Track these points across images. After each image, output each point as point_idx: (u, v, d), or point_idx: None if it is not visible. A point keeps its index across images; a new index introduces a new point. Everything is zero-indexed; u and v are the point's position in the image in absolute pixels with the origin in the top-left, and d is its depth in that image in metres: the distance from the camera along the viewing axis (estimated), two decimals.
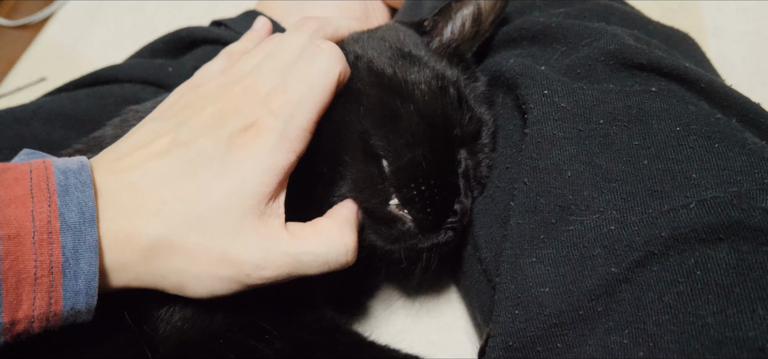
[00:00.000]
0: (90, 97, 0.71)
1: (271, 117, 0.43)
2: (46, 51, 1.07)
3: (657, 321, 0.36)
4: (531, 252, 0.43)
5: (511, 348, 0.41)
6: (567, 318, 0.40)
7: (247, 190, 0.42)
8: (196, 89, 0.49)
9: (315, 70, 0.46)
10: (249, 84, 0.46)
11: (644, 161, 0.42)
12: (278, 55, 0.48)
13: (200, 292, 0.43)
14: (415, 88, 0.50)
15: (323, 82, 0.46)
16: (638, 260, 0.38)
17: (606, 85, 0.46)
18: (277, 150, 0.43)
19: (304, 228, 0.45)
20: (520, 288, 0.42)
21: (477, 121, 0.54)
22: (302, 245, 0.44)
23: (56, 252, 0.37)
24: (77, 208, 0.38)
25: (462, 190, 0.51)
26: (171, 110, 0.48)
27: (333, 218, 0.47)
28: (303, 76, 0.45)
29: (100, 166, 0.42)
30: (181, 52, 0.78)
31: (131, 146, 0.44)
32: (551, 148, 0.45)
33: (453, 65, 0.55)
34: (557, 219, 0.43)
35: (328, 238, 0.45)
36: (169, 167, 0.42)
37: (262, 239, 0.42)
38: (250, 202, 0.42)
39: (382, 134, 0.49)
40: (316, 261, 0.44)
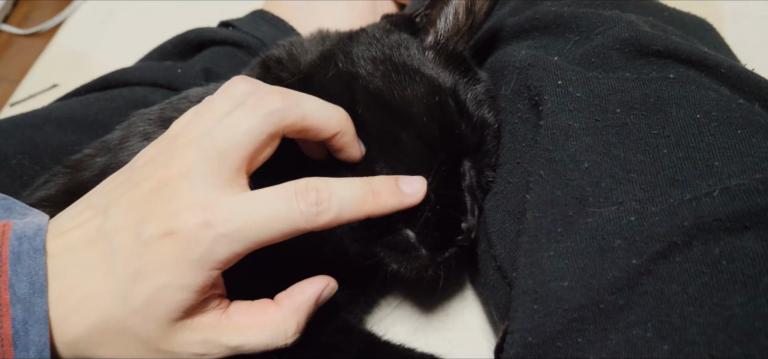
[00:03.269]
0: (100, 101, 0.72)
1: (204, 227, 0.38)
2: (57, 58, 1.08)
3: (682, 314, 0.35)
4: (548, 246, 0.41)
5: (530, 344, 0.40)
6: (587, 313, 0.38)
7: (164, 300, 0.38)
8: (137, 161, 0.44)
9: (275, 213, 0.39)
10: (188, 165, 0.40)
11: (664, 149, 0.41)
12: (224, 135, 0.41)
13: None
14: (412, 108, 0.50)
15: (276, 229, 0.40)
16: (660, 252, 0.37)
17: (622, 74, 0.45)
18: (198, 267, 0.38)
19: (248, 316, 0.42)
20: (538, 282, 0.41)
21: (480, 128, 0.53)
22: (242, 337, 0.41)
23: (6, 325, 0.36)
24: (27, 278, 0.37)
25: (468, 207, 0.51)
26: (109, 185, 0.43)
27: (282, 308, 0.43)
28: (257, 209, 0.39)
29: (49, 234, 0.40)
30: (190, 54, 0.78)
31: (71, 221, 0.42)
32: (567, 139, 0.43)
33: (451, 68, 0.54)
34: (575, 212, 0.41)
35: (272, 330, 0.42)
36: (92, 258, 0.39)
37: (199, 334, 0.40)
38: (172, 311, 0.39)
39: (385, 162, 0.49)
40: (255, 349, 0.42)
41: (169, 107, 0.58)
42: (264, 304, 0.43)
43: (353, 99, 0.50)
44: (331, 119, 0.45)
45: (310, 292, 0.44)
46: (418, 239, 0.49)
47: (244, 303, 0.43)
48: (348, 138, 0.46)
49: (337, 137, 0.45)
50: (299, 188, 0.40)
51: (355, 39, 0.56)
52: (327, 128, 0.44)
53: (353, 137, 0.47)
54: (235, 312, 0.42)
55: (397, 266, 0.50)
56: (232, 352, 0.41)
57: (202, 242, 0.37)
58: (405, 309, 0.60)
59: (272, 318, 0.42)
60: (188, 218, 0.38)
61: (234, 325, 0.41)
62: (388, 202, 0.44)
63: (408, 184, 0.45)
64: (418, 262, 0.49)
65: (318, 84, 0.52)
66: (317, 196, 0.40)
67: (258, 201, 0.39)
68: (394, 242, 0.49)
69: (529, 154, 0.48)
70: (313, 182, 0.41)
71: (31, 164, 0.63)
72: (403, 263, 0.50)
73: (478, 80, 0.55)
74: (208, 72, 0.73)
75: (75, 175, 0.55)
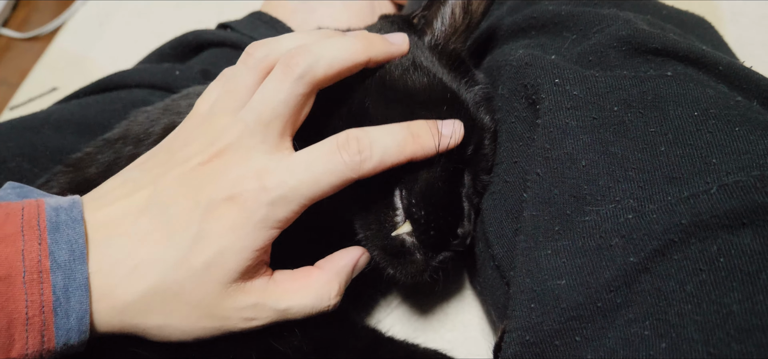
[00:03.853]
0: (99, 103, 0.72)
1: (261, 192, 0.40)
2: (57, 61, 1.08)
3: (679, 311, 0.35)
4: (546, 244, 0.41)
5: (528, 343, 0.40)
6: (585, 311, 0.38)
7: (225, 262, 0.41)
8: (185, 134, 0.46)
9: (324, 168, 0.42)
10: (237, 139, 0.42)
11: (661, 147, 0.41)
12: (258, 107, 0.43)
13: (184, 338, 0.43)
14: (423, 108, 0.49)
15: (326, 183, 0.42)
16: (658, 249, 0.37)
17: (619, 72, 0.45)
18: (259, 229, 0.41)
19: (294, 281, 0.45)
20: (535, 281, 0.41)
21: (478, 132, 0.53)
22: (290, 300, 0.44)
23: (47, 292, 0.37)
24: (67, 246, 0.38)
25: (465, 212, 0.51)
26: (156, 157, 0.45)
27: (325, 271, 0.46)
28: (307, 166, 0.42)
29: (86, 205, 0.42)
30: (188, 56, 0.79)
31: (113, 193, 0.43)
32: (564, 137, 0.43)
33: (449, 70, 0.54)
34: (572, 210, 0.41)
35: (316, 292, 0.45)
36: (145, 227, 0.41)
37: (251, 297, 0.43)
38: (231, 273, 0.41)
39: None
40: (301, 312, 0.45)
41: (172, 104, 0.58)
42: (307, 270, 0.46)
43: (365, 92, 0.49)
44: (356, 53, 0.46)
45: (348, 259, 0.48)
46: (413, 244, 0.49)
47: (287, 271, 0.46)
48: (381, 54, 0.48)
49: (371, 62, 0.48)
50: (340, 141, 0.43)
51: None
52: (356, 62, 0.46)
53: (385, 48, 0.49)
54: (281, 279, 0.45)
55: (393, 271, 0.50)
56: (279, 316, 0.44)
57: (262, 204, 0.40)
58: (404, 309, 0.59)
59: (316, 281, 0.45)
60: (247, 184, 0.41)
61: (281, 289, 0.44)
62: (429, 143, 0.46)
63: (446, 126, 0.47)
64: (413, 266, 0.49)
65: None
66: (358, 145, 0.43)
67: (306, 160, 0.42)
68: (390, 246, 0.49)
69: (526, 153, 0.47)
70: (353, 133, 0.43)
71: (30, 166, 0.63)
72: (398, 267, 0.50)
73: (475, 82, 0.55)
74: (206, 73, 0.73)
75: (78, 173, 0.55)
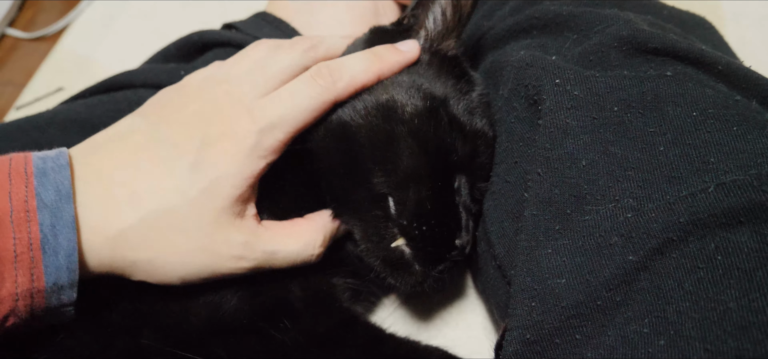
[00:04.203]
0: (105, 103, 0.72)
1: (251, 123, 0.45)
2: (62, 61, 1.09)
3: (677, 309, 0.35)
4: (546, 244, 0.42)
5: (529, 341, 0.40)
6: (585, 309, 0.39)
7: (221, 189, 0.44)
8: (180, 88, 0.51)
9: (304, 95, 0.47)
10: (233, 88, 0.48)
11: (660, 147, 0.41)
12: (268, 66, 0.50)
13: (172, 278, 0.44)
14: (409, 122, 0.50)
15: (307, 107, 0.47)
16: (656, 248, 0.37)
17: (619, 72, 0.45)
18: (251, 156, 0.45)
19: (282, 228, 0.49)
20: (536, 280, 0.41)
21: (472, 139, 0.53)
22: (278, 244, 0.47)
23: (34, 230, 0.38)
24: (54, 187, 0.40)
25: (462, 223, 0.52)
26: (151, 107, 0.50)
27: (312, 222, 0.50)
28: (290, 96, 0.47)
29: (76, 154, 0.44)
30: (193, 57, 0.79)
31: (108, 138, 0.46)
32: (565, 137, 0.44)
33: (444, 75, 0.54)
34: (573, 209, 0.42)
35: (303, 239, 0.48)
36: (143, 160, 0.44)
37: (242, 235, 0.45)
38: (226, 201, 0.44)
39: (383, 172, 0.49)
40: (288, 258, 0.48)
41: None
42: (295, 220, 0.50)
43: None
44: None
45: (326, 217, 0.51)
46: (411, 255, 0.50)
47: (276, 221, 0.49)
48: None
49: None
50: (313, 71, 0.49)
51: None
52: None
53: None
54: (270, 225, 0.48)
55: (393, 281, 0.52)
56: (267, 258, 0.47)
57: (252, 133, 0.45)
58: (407, 308, 0.60)
59: (304, 230, 0.49)
60: (239, 119, 0.45)
61: (271, 233, 0.47)
62: (392, 59, 0.51)
63: (404, 44, 0.53)
64: (412, 278, 0.51)
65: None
66: (329, 70, 0.49)
67: (289, 91, 0.47)
68: (388, 257, 0.50)
69: (526, 153, 0.48)
70: (325, 62, 0.50)
71: None
72: (398, 278, 0.51)
73: (471, 86, 0.55)
74: None
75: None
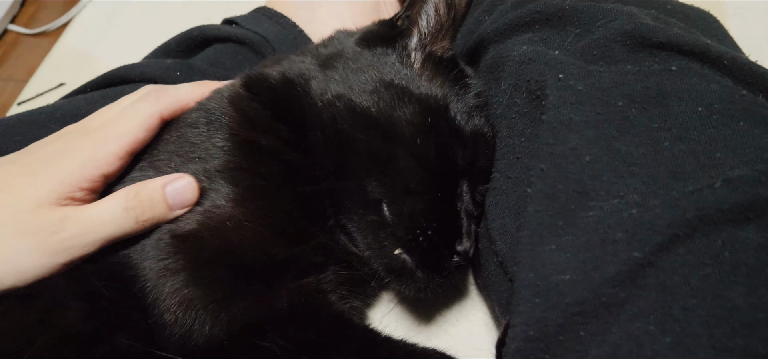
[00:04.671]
0: (104, 98, 0.72)
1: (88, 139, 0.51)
2: (64, 57, 1.08)
3: (683, 306, 0.35)
4: (550, 240, 0.41)
5: (532, 338, 0.40)
6: (589, 306, 0.38)
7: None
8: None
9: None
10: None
11: (665, 142, 0.40)
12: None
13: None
14: (404, 131, 0.50)
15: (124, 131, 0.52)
16: (662, 244, 0.37)
17: (623, 67, 0.45)
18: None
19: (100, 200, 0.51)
20: (539, 276, 0.41)
21: (473, 142, 0.53)
22: (92, 210, 0.49)
23: None
24: None
25: (464, 230, 0.52)
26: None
27: (123, 190, 0.51)
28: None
29: None
30: (194, 52, 0.79)
31: None
32: (569, 132, 0.43)
33: (440, 77, 0.54)
34: (576, 205, 0.41)
35: (113, 203, 0.49)
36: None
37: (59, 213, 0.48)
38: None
39: (378, 181, 0.50)
40: (102, 226, 0.49)
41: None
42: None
43: (334, 117, 0.51)
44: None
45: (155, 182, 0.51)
46: (414, 263, 0.50)
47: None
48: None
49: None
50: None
51: (337, 58, 0.56)
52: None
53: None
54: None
55: (397, 287, 0.53)
56: (86, 226, 0.48)
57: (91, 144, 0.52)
58: (406, 305, 0.59)
59: (115, 195, 0.50)
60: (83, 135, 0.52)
61: (88, 207, 0.49)
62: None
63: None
64: (415, 284, 0.52)
65: (299, 100, 0.54)
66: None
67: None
68: (391, 264, 0.51)
69: (528, 149, 0.47)
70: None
71: None
72: (401, 285, 0.52)
73: (468, 86, 0.55)
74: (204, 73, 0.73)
75: None
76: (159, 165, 0.52)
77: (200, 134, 0.53)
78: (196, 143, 0.53)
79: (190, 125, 0.54)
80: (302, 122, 0.53)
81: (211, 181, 0.50)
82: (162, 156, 0.53)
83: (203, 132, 0.53)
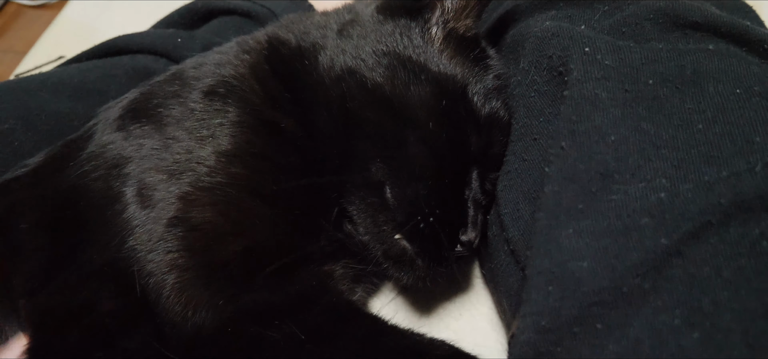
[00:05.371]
0: (99, 68, 0.70)
1: None
2: (64, 30, 1.06)
3: (714, 300, 0.32)
4: (567, 223, 0.38)
5: (544, 328, 0.36)
6: (608, 297, 0.35)
7: None
8: None
9: None
10: None
11: (699, 125, 0.37)
12: None
13: None
14: (417, 113, 0.47)
15: None
16: (692, 232, 0.34)
17: (655, 45, 0.42)
18: None
19: None
20: (554, 262, 0.37)
21: (488, 127, 0.50)
22: None
23: None
24: None
25: (470, 220, 0.49)
26: None
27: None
28: None
29: None
30: (197, 25, 0.76)
31: None
32: (593, 110, 0.40)
33: (460, 57, 0.51)
34: (598, 188, 0.38)
35: None
36: None
37: None
38: None
39: (384, 162, 0.47)
40: None
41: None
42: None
43: (343, 95, 0.48)
44: None
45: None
46: (414, 251, 0.48)
47: None
48: None
49: None
50: None
51: (353, 26, 0.53)
52: None
53: None
54: None
55: (395, 275, 0.50)
56: None
57: None
58: (407, 297, 0.56)
59: None
60: None
61: None
62: None
63: None
64: (414, 273, 0.49)
65: (309, 77, 0.51)
66: None
67: None
68: (391, 251, 0.48)
69: (547, 130, 0.44)
70: None
71: (23, 129, 0.60)
72: (400, 272, 0.49)
73: (488, 67, 0.52)
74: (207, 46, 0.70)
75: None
76: (169, 143, 0.47)
77: (215, 108, 0.49)
78: (206, 119, 0.48)
79: (207, 93, 0.50)
80: (311, 101, 0.50)
81: (224, 165, 0.47)
82: (170, 129, 0.48)
83: (218, 107, 0.49)
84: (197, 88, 0.50)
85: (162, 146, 0.47)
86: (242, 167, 0.47)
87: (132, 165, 0.46)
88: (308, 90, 0.50)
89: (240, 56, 0.52)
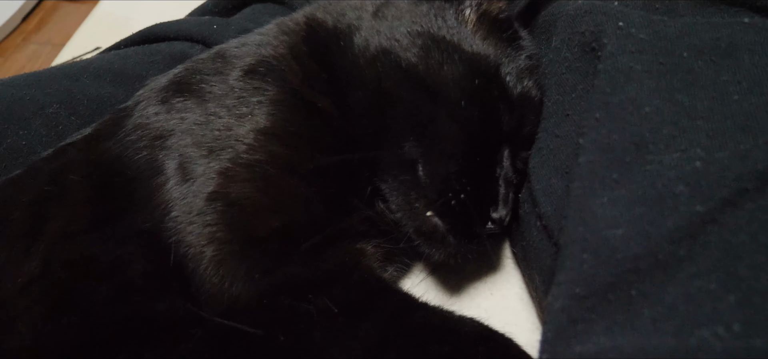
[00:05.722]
0: (138, 54, 0.71)
1: None
2: (100, 23, 1.09)
3: (751, 264, 0.32)
4: (602, 193, 0.38)
5: (579, 296, 0.37)
6: (643, 264, 0.35)
7: None
8: None
9: None
10: None
11: (734, 96, 0.37)
12: None
13: None
14: (450, 92, 0.48)
15: None
16: (728, 198, 0.34)
17: (690, 19, 0.42)
18: None
19: None
20: (589, 230, 0.37)
21: (520, 107, 0.51)
22: None
23: None
24: None
25: (501, 196, 0.50)
26: None
27: None
28: None
29: None
30: (231, 12, 0.78)
31: None
32: (627, 82, 0.40)
33: (493, 38, 0.51)
34: (632, 158, 0.38)
35: None
36: None
37: None
38: None
39: (416, 140, 0.48)
40: None
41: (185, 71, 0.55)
42: None
43: (378, 75, 0.49)
44: None
45: None
46: (445, 227, 0.48)
47: None
48: None
49: None
50: None
51: (387, 7, 0.53)
52: None
53: None
54: None
55: (426, 251, 0.50)
56: None
57: None
58: (438, 276, 0.57)
59: None
60: None
61: None
62: None
63: None
64: (445, 250, 0.49)
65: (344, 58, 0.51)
66: None
67: None
68: (421, 228, 0.49)
69: (579, 105, 0.45)
70: None
71: (67, 113, 0.63)
72: (432, 249, 0.50)
73: (521, 48, 0.53)
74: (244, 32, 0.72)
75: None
76: (210, 119, 0.49)
77: (254, 86, 0.50)
78: (245, 96, 0.50)
79: (247, 72, 0.51)
80: (346, 81, 0.51)
81: (262, 143, 0.48)
82: (211, 105, 0.49)
83: (257, 85, 0.50)
84: (238, 67, 0.51)
85: (204, 121, 0.48)
86: (280, 144, 0.48)
87: (174, 138, 0.48)
88: (343, 70, 0.51)
89: (279, 37, 0.54)
